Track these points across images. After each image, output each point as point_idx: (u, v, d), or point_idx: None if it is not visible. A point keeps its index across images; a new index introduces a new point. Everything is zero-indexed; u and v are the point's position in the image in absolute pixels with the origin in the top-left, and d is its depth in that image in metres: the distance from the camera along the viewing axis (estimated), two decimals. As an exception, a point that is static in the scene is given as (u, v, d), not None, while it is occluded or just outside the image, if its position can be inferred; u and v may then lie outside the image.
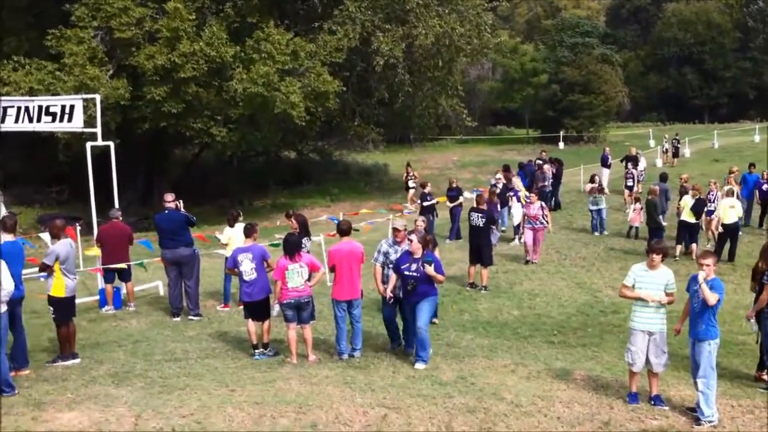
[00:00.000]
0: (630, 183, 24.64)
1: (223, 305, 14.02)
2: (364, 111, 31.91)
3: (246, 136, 27.09)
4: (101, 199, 15.25)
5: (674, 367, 9.80)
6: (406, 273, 10.12)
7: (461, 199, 21.66)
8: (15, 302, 9.20)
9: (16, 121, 14.84)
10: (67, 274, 10.17)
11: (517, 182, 22.21)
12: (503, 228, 21.07)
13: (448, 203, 21.53)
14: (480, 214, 15.77)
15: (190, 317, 13.11)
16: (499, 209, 20.21)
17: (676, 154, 36.91)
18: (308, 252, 12.80)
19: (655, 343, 8.60)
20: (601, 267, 17.37)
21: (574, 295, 15.01)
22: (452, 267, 17.26)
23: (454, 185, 21.97)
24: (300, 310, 10.33)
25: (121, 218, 14.19)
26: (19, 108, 14.85)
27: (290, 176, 34.95)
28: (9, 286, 8.66)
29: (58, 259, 10.06)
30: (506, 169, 23.57)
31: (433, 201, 21.51)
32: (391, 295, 10.41)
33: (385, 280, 10.77)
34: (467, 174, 36.57)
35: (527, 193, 20.43)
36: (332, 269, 10.65)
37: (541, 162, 26.09)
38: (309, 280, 10.41)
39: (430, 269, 9.94)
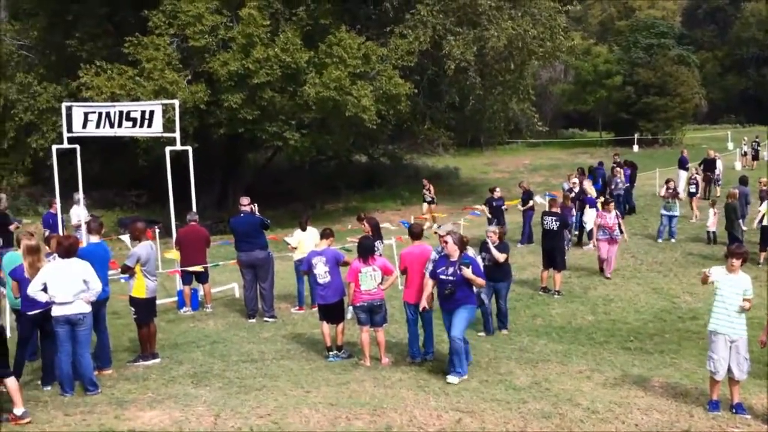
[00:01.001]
0: (693, 189, 23.64)
1: (297, 307, 14.20)
2: (435, 114, 31.88)
3: (318, 140, 27.37)
4: (178, 202, 15.61)
5: (756, 375, 9.54)
6: (442, 277, 9.62)
7: (532, 202, 21.43)
8: (100, 303, 9.50)
9: (98, 126, 15.34)
10: (148, 275, 10.45)
11: (588, 187, 21.82)
12: (575, 233, 20.68)
13: (519, 207, 21.34)
14: (554, 218, 15.64)
15: (265, 319, 13.32)
16: (573, 213, 19.91)
17: (756, 157, 35.82)
18: (380, 255, 12.89)
19: (737, 350, 8.38)
20: (678, 272, 16.98)
21: (651, 301, 14.72)
22: (524, 271, 17.15)
23: (526, 188, 21.74)
24: (373, 313, 10.39)
25: (198, 221, 14.48)
26: (100, 113, 15.34)
27: (361, 180, 35.15)
28: (97, 286, 8.94)
29: (139, 260, 10.34)
30: (581, 173, 23.24)
31: (503, 205, 21.28)
32: (426, 306, 9.95)
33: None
34: (539, 177, 36.21)
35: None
36: (403, 272, 10.71)
37: (614, 165, 25.61)
38: (382, 283, 10.47)
39: (467, 272, 9.44)
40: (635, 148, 45.95)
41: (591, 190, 21.54)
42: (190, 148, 15.51)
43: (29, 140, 25.89)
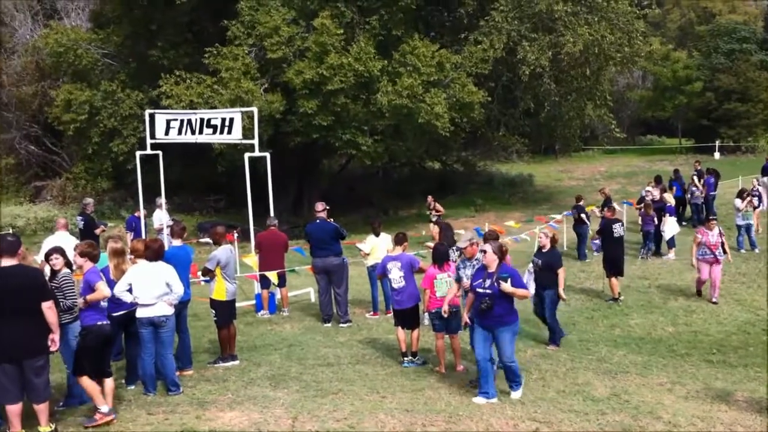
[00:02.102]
0: (757, 202, 21.64)
1: (372, 313, 14.26)
2: (509, 121, 31.66)
3: (391, 147, 27.50)
4: (255, 207, 15.89)
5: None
6: (479, 290, 8.87)
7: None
8: (181, 305, 9.71)
9: (180, 132, 15.82)
10: (228, 278, 10.65)
11: (668, 195, 21.25)
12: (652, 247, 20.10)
13: (597, 212, 20.87)
14: (621, 224, 15.82)
15: (341, 324, 13.41)
16: (655, 222, 19.50)
17: None
18: (455, 261, 12.85)
19: None
20: (762, 283, 16.39)
21: (734, 313, 14.27)
22: (601, 280, 16.85)
23: (607, 194, 21.23)
24: (448, 320, 10.37)
25: (277, 226, 14.66)
26: (182, 120, 15.83)
27: (434, 186, 35.07)
28: (179, 290, 9.16)
29: (219, 263, 10.56)
30: (658, 181, 22.71)
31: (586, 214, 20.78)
32: (447, 309, 9.72)
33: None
34: (615, 185, 35.53)
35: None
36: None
37: (694, 173, 24.95)
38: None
39: (506, 285, 8.65)
40: (716, 155, 44.67)
41: (670, 199, 21.03)
42: (268, 155, 15.79)
43: (111, 145, 26.73)
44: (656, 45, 46.15)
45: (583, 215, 20.22)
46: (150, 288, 8.92)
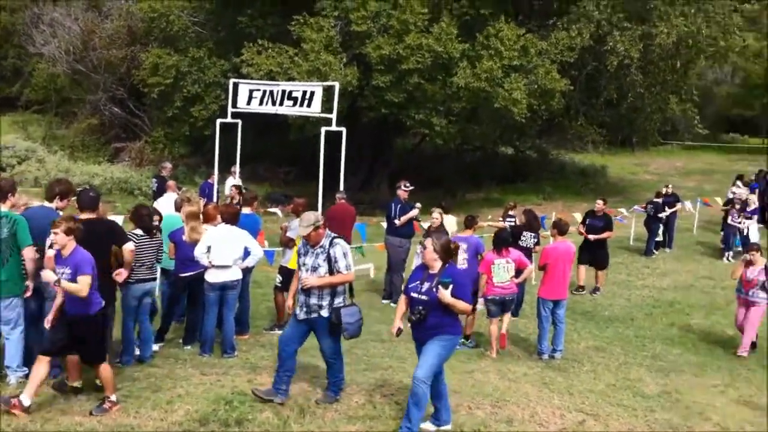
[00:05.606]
0: None
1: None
2: (589, 111, 31.09)
3: (465, 129, 27.40)
4: (326, 181, 16.11)
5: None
6: (413, 294, 7.13)
7: (678, 206, 20.62)
8: (246, 271, 9.96)
9: (261, 103, 16.27)
10: (303, 249, 10.92)
11: (752, 197, 20.55)
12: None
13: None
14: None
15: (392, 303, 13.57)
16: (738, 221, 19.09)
17: None
18: (535, 247, 12.94)
19: None
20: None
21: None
22: (665, 278, 16.66)
23: (670, 191, 20.78)
24: (505, 307, 10.46)
25: (346, 200, 14.73)
26: (264, 91, 16.29)
27: (505, 171, 34.87)
28: (259, 252, 9.50)
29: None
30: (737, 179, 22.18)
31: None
32: (400, 325, 7.45)
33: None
34: (690, 182, 34.69)
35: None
36: (542, 268, 10.68)
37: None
38: (516, 276, 10.51)
39: (444, 293, 6.82)
40: (802, 157, 43.17)
41: (753, 201, 20.29)
42: (344, 129, 15.99)
43: (192, 110, 27.39)
44: (750, 41, 44.61)
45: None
46: (228, 251, 9.21)
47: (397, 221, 13.67)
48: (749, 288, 11.64)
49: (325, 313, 7.58)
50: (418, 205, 14.38)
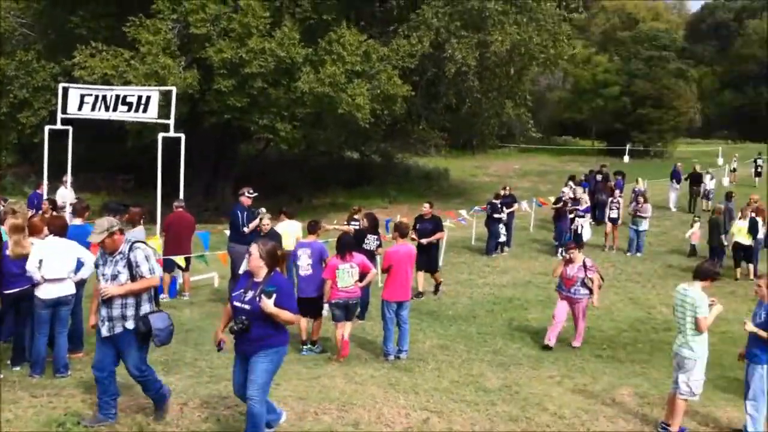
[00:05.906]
0: (614, 215, 21.25)
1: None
2: (430, 115, 31.93)
3: (309, 134, 27.40)
4: (167, 189, 15.61)
5: (724, 389, 9.73)
6: (236, 304, 6.64)
7: (515, 206, 21.52)
8: (79, 284, 9.31)
9: (93, 108, 15.47)
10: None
11: (584, 196, 21.64)
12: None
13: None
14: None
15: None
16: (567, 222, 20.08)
17: (758, 173, 35.65)
18: (377, 249, 13.05)
19: None
20: (657, 283, 17.11)
21: (627, 311, 14.81)
22: (505, 275, 17.27)
23: (508, 192, 21.60)
24: (349, 311, 10.48)
25: (184, 208, 14.37)
26: (96, 96, 15.49)
27: (351, 176, 35.20)
28: (91, 261, 8.77)
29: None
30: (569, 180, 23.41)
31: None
32: (223, 338, 6.97)
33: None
34: (527, 183, 36.31)
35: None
36: (386, 270, 10.78)
37: (595, 173, 25.84)
38: (360, 280, 10.55)
39: (267, 303, 6.38)
40: (626, 158, 46.17)
41: (585, 198, 21.44)
42: (183, 135, 15.52)
43: (20, 116, 25.85)
44: (579, 48, 47.29)
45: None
46: (60, 263, 8.68)
47: (246, 229, 13.38)
48: (570, 285, 11.90)
49: (129, 324, 6.99)
50: (263, 209, 14.15)
